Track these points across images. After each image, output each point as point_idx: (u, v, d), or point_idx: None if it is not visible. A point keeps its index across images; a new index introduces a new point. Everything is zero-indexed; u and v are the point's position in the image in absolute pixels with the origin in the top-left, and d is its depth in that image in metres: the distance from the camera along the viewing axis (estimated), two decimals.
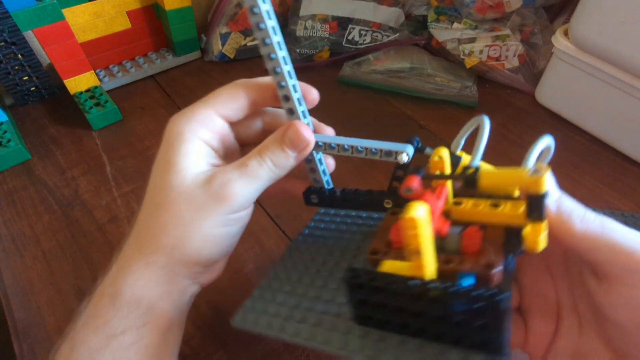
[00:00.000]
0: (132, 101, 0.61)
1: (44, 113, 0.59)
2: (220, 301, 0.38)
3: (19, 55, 0.56)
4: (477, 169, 0.21)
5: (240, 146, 0.31)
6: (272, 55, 0.25)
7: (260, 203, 0.46)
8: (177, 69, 0.67)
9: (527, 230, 0.20)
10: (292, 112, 0.27)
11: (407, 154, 0.25)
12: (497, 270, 0.20)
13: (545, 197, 0.19)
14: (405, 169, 0.26)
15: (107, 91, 0.61)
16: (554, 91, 0.56)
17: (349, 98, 0.61)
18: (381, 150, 0.26)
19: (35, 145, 0.54)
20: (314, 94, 0.28)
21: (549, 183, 0.19)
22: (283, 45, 0.25)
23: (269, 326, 0.24)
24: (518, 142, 0.53)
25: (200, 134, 0.26)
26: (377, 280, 0.20)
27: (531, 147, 0.22)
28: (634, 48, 0.44)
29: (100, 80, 0.61)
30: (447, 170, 0.23)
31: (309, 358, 0.34)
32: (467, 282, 0.20)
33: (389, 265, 0.21)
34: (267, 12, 0.23)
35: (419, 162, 0.25)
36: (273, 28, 0.24)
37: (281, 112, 0.29)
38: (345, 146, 0.27)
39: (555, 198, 0.21)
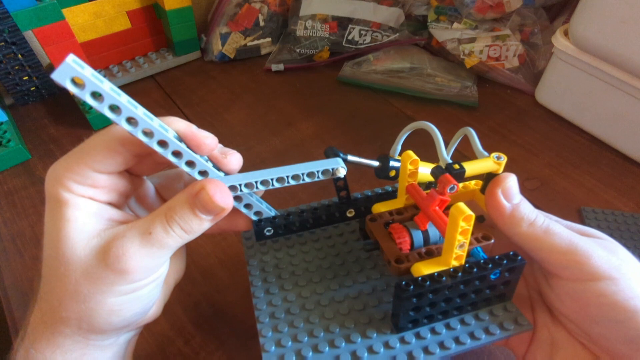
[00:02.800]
0: None
1: (44, 113, 0.59)
2: (220, 301, 0.38)
3: (19, 55, 0.56)
4: (461, 165, 0.25)
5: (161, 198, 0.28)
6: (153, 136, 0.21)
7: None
8: (177, 69, 0.67)
9: (482, 200, 0.27)
10: (204, 173, 0.24)
11: (344, 167, 0.26)
12: (493, 240, 0.26)
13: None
14: (344, 179, 0.28)
15: None
16: (554, 91, 0.56)
17: (349, 98, 0.61)
18: (317, 172, 0.25)
19: (35, 145, 0.54)
20: (209, 142, 0.23)
21: (512, 185, 0.25)
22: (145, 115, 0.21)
23: None
24: (518, 142, 0.53)
25: (79, 191, 0.22)
26: (431, 283, 0.22)
27: (472, 143, 0.27)
28: (634, 48, 0.44)
29: None
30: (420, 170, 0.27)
31: None
32: (482, 254, 0.25)
33: (424, 267, 0.24)
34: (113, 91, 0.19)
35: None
36: (113, 90, 0.19)
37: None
38: (274, 182, 0.25)
39: (516, 202, 0.25)
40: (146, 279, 0.23)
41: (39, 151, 0.53)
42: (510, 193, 0.25)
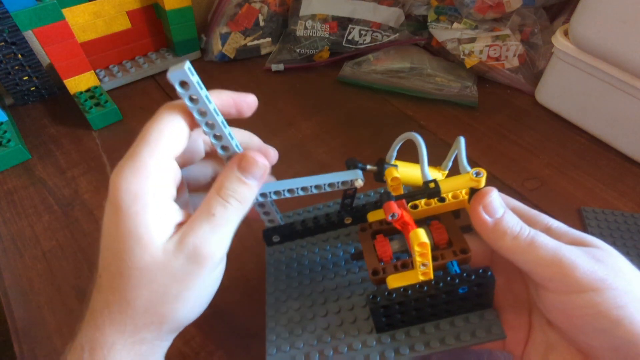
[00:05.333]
0: (132, 101, 0.61)
1: (44, 113, 0.59)
2: (220, 301, 0.38)
3: (19, 55, 0.56)
4: (437, 183, 0.26)
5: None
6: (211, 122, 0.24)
7: None
8: None
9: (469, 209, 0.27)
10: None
11: (362, 179, 0.28)
12: (470, 253, 0.26)
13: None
14: (355, 189, 0.29)
15: (107, 91, 0.61)
16: (554, 91, 0.56)
17: (349, 98, 0.61)
18: (337, 183, 0.27)
19: (35, 145, 0.54)
20: (250, 99, 0.26)
21: (493, 200, 0.25)
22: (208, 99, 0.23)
23: None
24: (518, 142, 0.53)
25: (158, 192, 0.23)
26: (397, 297, 0.24)
27: (458, 155, 0.27)
28: (634, 48, 0.44)
29: (100, 80, 0.61)
30: (401, 189, 0.29)
31: None
32: (455, 268, 0.26)
33: (396, 280, 0.26)
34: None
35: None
36: (207, 97, 0.23)
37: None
38: (299, 190, 0.27)
39: (498, 216, 0.25)
40: (220, 263, 0.25)
41: (39, 151, 0.53)
42: (492, 208, 0.25)
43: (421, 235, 0.23)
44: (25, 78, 0.58)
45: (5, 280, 0.40)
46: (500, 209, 0.25)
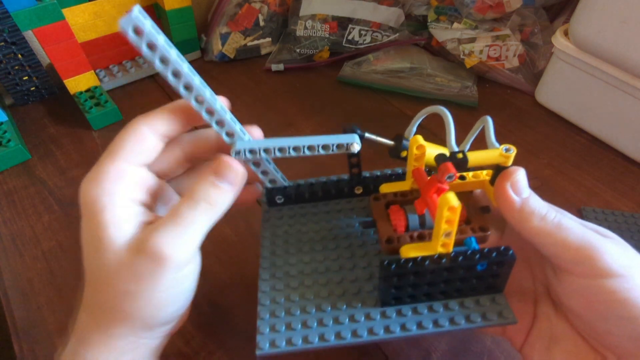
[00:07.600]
0: (132, 101, 0.61)
1: (44, 113, 0.59)
2: (220, 301, 0.38)
3: (19, 55, 0.56)
4: (465, 154, 0.24)
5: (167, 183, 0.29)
6: (194, 87, 0.23)
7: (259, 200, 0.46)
8: None
9: (491, 191, 0.26)
10: (231, 135, 0.26)
11: (358, 143, 0.26)
12: (490, 232, 0.25)
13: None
14: (358, 156, 0.29)
15: (107, 91, 0.61)
16: (554, 91, 0.56)
17: (349, 98, 0.61)
18: (332, 145, 0.26)
19: (35, 145, 0.54)
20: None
21: (521, 179, 0.24)
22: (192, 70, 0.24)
23: (293, 342, 0.24)
24: (518, 142, 0.53)
25: (117, 194, 0.23)
26: (413, 265, 0.23)
27: (486, 132, 0.27)
28: (634, 48, 0.44)
29: (100, 80, 0.61)
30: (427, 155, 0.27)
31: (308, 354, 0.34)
32: (474, 245, 0.24)
33: (411, 250, 0.24)
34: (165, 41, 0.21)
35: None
36: (167, 42, 0.22)
37: (200, 135, 0.28)
38: (291, 150, 0.26)
39: (525, 196, 0.24)
40: (186, 265, 0.24)
41: (39, 151, 0.53)
42: (519, 187, 0.24)
43: (451, 199, 0.21)
44: (25, 78, 0.58)
45: (5, 280, 0.40)
46: (527, 190, 0.24)
